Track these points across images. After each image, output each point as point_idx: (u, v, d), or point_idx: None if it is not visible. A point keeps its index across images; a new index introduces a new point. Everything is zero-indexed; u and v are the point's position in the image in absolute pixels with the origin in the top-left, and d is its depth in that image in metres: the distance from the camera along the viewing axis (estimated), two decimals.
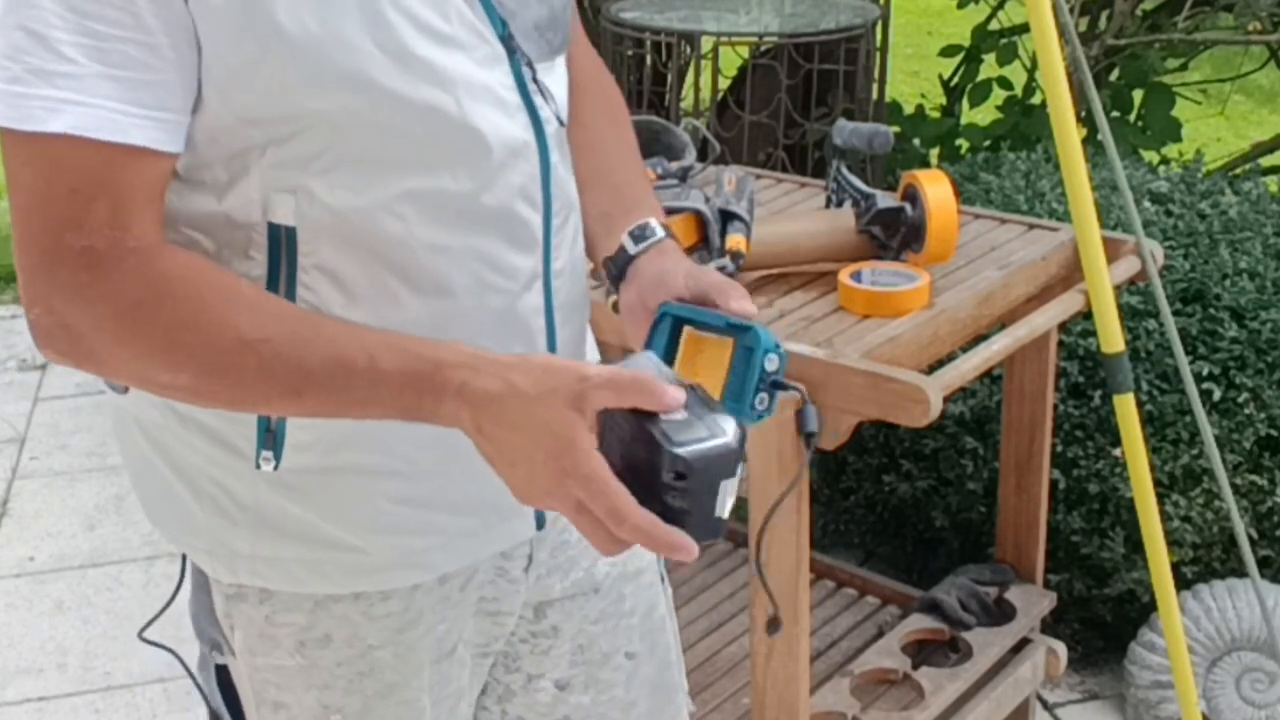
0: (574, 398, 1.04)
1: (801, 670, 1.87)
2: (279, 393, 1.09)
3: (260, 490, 1.22)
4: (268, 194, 1.12)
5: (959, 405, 2.59)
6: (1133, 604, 2.58)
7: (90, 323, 1.07)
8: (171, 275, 1.08)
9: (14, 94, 1.03)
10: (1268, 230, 2.65)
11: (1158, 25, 3.70)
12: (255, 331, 1.08)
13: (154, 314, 1.07)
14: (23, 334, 4.33)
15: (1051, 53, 1.88)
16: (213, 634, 1.35)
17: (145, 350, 1.08)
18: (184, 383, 1.09)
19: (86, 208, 1.05)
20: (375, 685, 1.30)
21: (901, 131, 3.84)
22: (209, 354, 1.08)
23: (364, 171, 1.13)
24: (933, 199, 1.90)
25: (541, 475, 1.05)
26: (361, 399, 1.09)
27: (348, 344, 1.08)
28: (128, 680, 2.78)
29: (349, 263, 1.14)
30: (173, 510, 1.28)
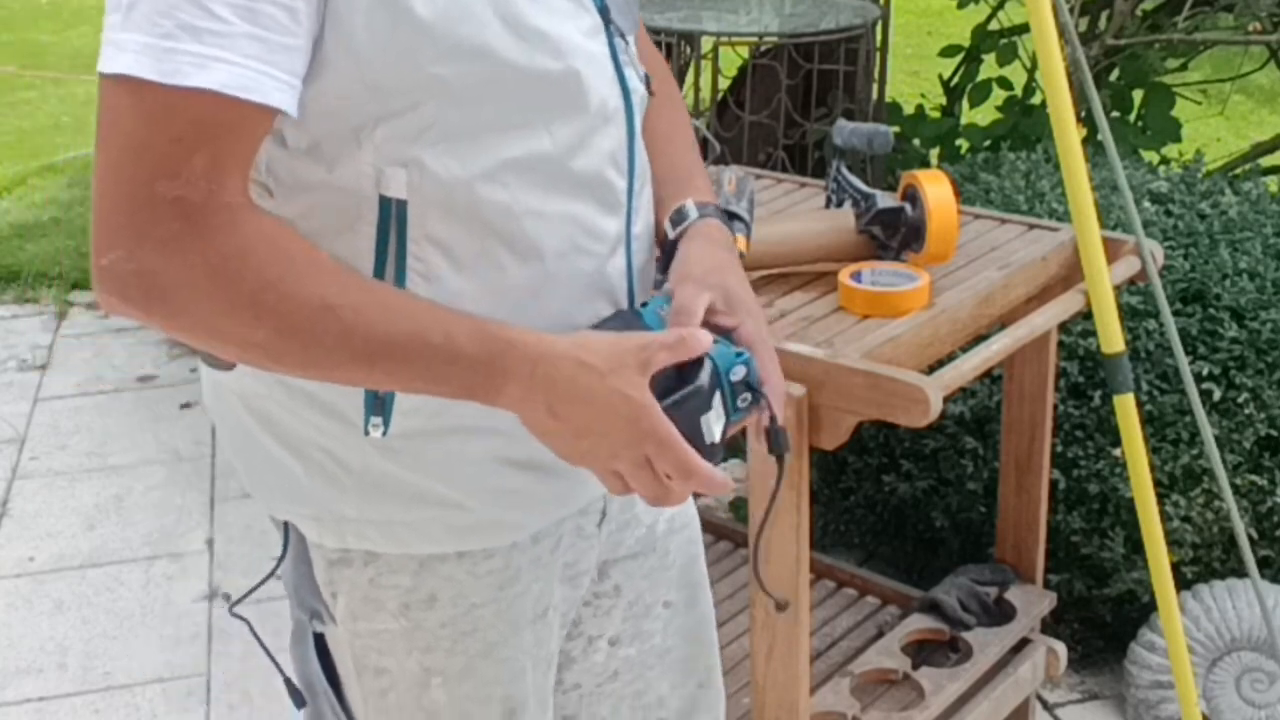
0: (641, 365, 1.14)
1: (801, 670, 1.87)
2: (351, 360, 1.11)
3: (368, 455, 1.24)
4: (380, 168, 1.15)
5: (959, 405, 2.59)
6: (1133, 604, 2.58)
7: (178, 273, 1.07)
8: (261, 234, 1.09)
9: (163, 49, 1.04)
10: (1268, 230, 2.65)
11: (1158, 25, 3.70)
12: (338, 297, 1.10)
13: (242, 269, 1.07)
14: (23, 334, 4.33)
15: (1051, 53, 1.88)
16: (313, 602, 1.37)
17: (228, 305, 1.08)
18: (260, 339, 1.10)
19: (186, 159, 1.06)
20: (477, 644, 1.33)
21: (901, 131, 3.84)
22: (291, 314, 1.09)
23: (472, 142, 1.16)
24: (933, 199, 1.90)
25: (610, 441, 1.15)
26: (432, 374, 1.13)
27: (425, 319, 1.12)
28: (128, 680, 2.78)
29: (456, 232, 1.18)
30: (277, 479, 1.29)
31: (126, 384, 3.99)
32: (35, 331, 4.36)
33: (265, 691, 2.74)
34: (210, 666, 2.81)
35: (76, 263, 4.76)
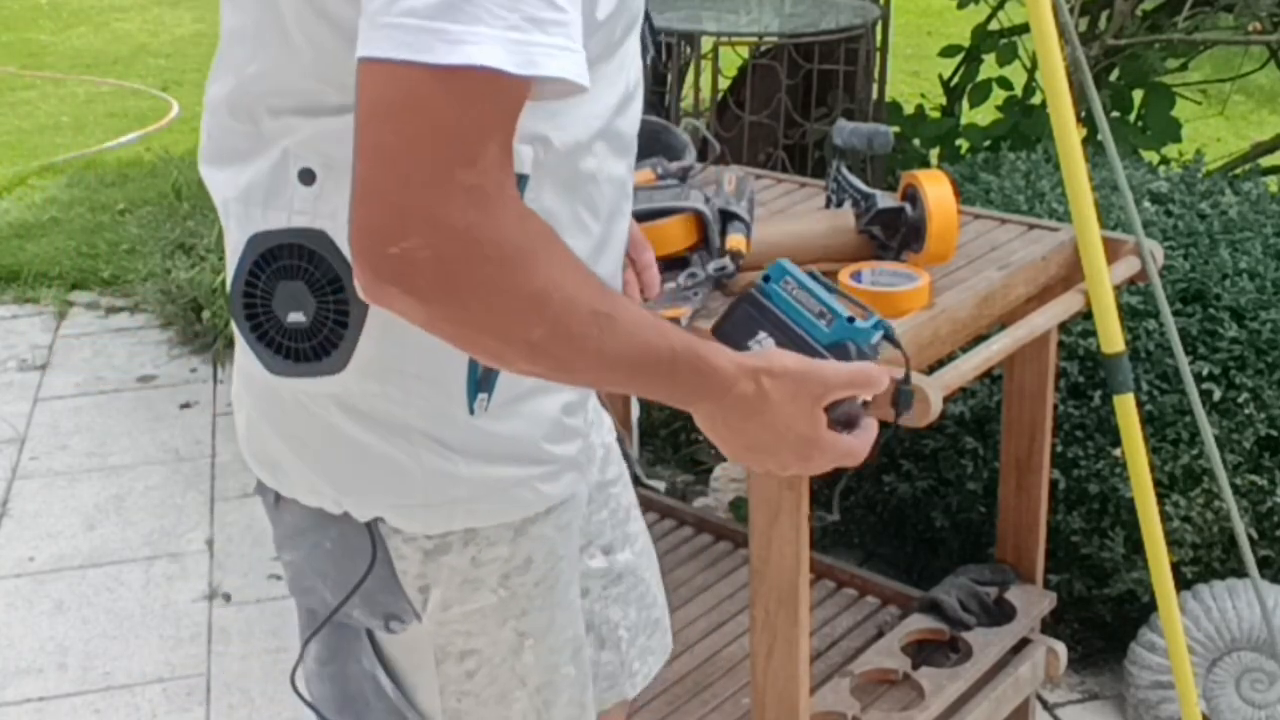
0: (817, 399, 1.23)
1: (801, 670, 1.87)
2: (598, 366, 1.14)
3: (471, 429, 1.28)
4: (516, 146, 1.13)
5: (959, 405, 2.59)
6: (1133, 604, 2.58)
7: (474, 264, 1.04)
8: (541, 233, 1.09)
9: (512, 40, 1.02)
10: (1268, 230, 2.65)
11: (1158, 25, 3.70)
12: (602, 304, 1.12)
13: (533, 266, 1.07)
14: (23, 334, 4.34)
15: (1051, 53, 1.88)
16: (392, 606, 1.36)
17: (516, 301, 1.07)
18: (536, 338, 1.09)
19: (483, 146, 1.04)
20: (557, 595, 1.39)
21: (901, 131, 3.84)
22: (569, 315, 1.09)
23: (577, 110, 1.21)
24: (933, 199, 1.90)
25: (779, 458, 1.25)
26: (649, 384, 1.19)
27: (656, 332, 1.17)
28: (128, 680, 2.78)
29: (557, 201, 1.23)
30: (382, 475, 1.29)
31: (126, 384, 3.99)
32: (35, 331, 4.36)
33: (265, 691, 2.74)
34: (210, 666, 2.81)
35: (76, 263, 4.76)
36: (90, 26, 8.61)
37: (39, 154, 6.06)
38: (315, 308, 1.21)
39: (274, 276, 1.22)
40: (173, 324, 4.30)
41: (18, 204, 5.41)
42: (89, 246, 4.89)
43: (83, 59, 7.77)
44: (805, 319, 1.30)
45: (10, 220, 5.21)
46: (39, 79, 7.35)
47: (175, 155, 5.84)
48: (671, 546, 2.59)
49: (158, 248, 4.73)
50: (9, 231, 5.08)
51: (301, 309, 1.21)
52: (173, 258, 4.54)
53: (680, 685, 2.23)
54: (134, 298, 4.53)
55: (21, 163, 5.93)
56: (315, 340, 1.23)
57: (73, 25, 8.64)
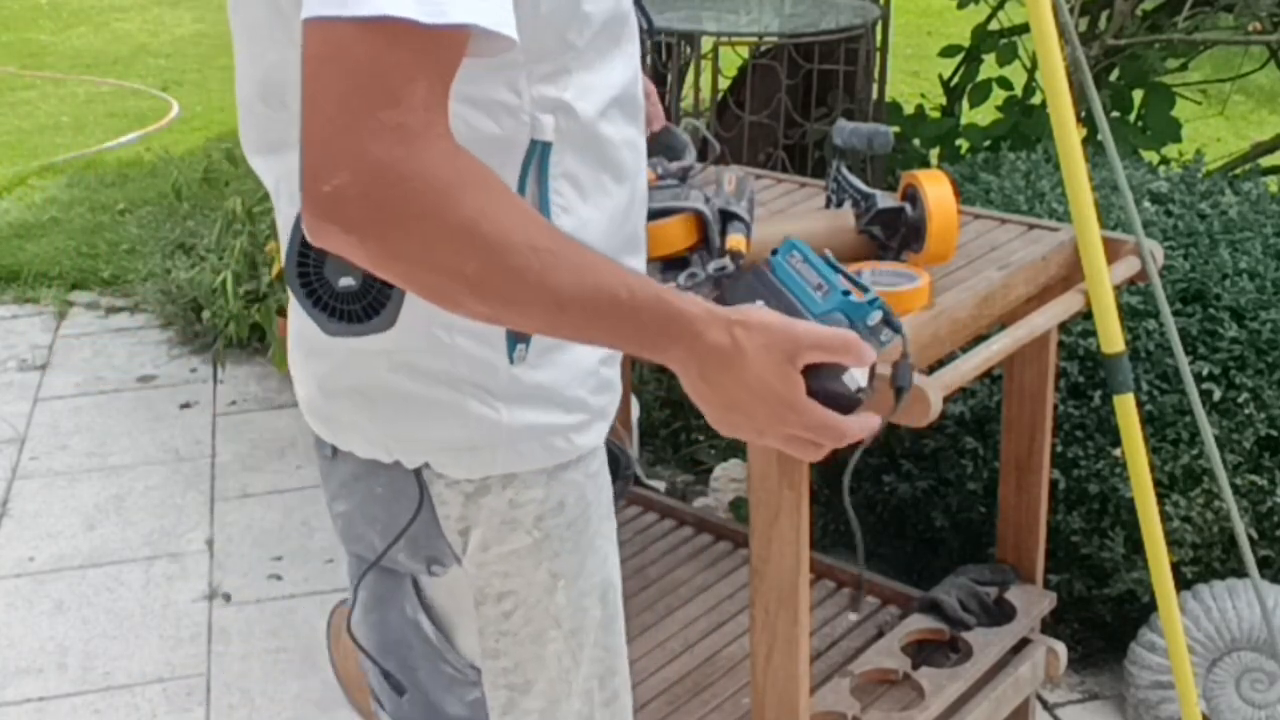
0: (790, 357, 1.22)
1: (801, 670, 1.87)
2: (544, 303, 1.17)
3: (512, 376, 1.36)
4: (535, 115, 1.27)
5: (959, 405, 2.59)
6: (1133, 604, 2.58)
7: (402, 197, 1.10)
8: (472, 168, 1.14)
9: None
10: (1268, 230, 2.65)
11: (1158, 25, 3.70)
12: (541, 240, 1.16)
13: (461, 197, 1.12)
14: (23, 334, 4.34)
15: (1051, 53, 1.88)
16: (434, 549, 1.44)
17: (447, 232, 1.12)
18: (470, 271, 1.14)
19: (406, 88, 1.10)
20: (588, 539, 1.46)
21: (901, 131, 3.84)
22: (502, 247, 1.14)
23: (594, 79, 1.31)
24: (933, 199, 1.90)
25: (756, 420, 1.24)
26: (611, 327, 1.21)
27: (610, 274, 1.19)
28: (128, 680, 2.78)
29: (580, 166, 1.32)
30: (426, 422, 1.38)
31: (126, 384, 3.99)
32: (35, 331, 4.36)
33: (265, 691, 2.74)
34: (210, 666, 2.81)
35: (76, 263, 4.76)
36: (90, 26, 8.61)
37: (39, 154, 6.06)
38: (363, 272, 1.27)
39: None
40: (173, 324, 4.30)
41: (18, 204, 5.41)
42: (89, 246, 4.89)
43: (83, 59, 7.77)
44: (802, 289, 1.31)
45: (10, 220, 5.21)
46: (39, 79, 7.35)
47: (175, 155, 5.85)
48: (671, 546, 2.59)
49: (158, 248, 4.73)
50: (9, 231, 5.08)
51: (350, 274, 1.29)
52: (173, 258, 4.54)
53: (680, 685, 2.23)
54: (134, 298, 4.53)
55: (21, 163, 5.93)
56: (365, 302, 1.30)
57: (73, 25, 8.64)
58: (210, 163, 4.92)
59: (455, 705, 1.53)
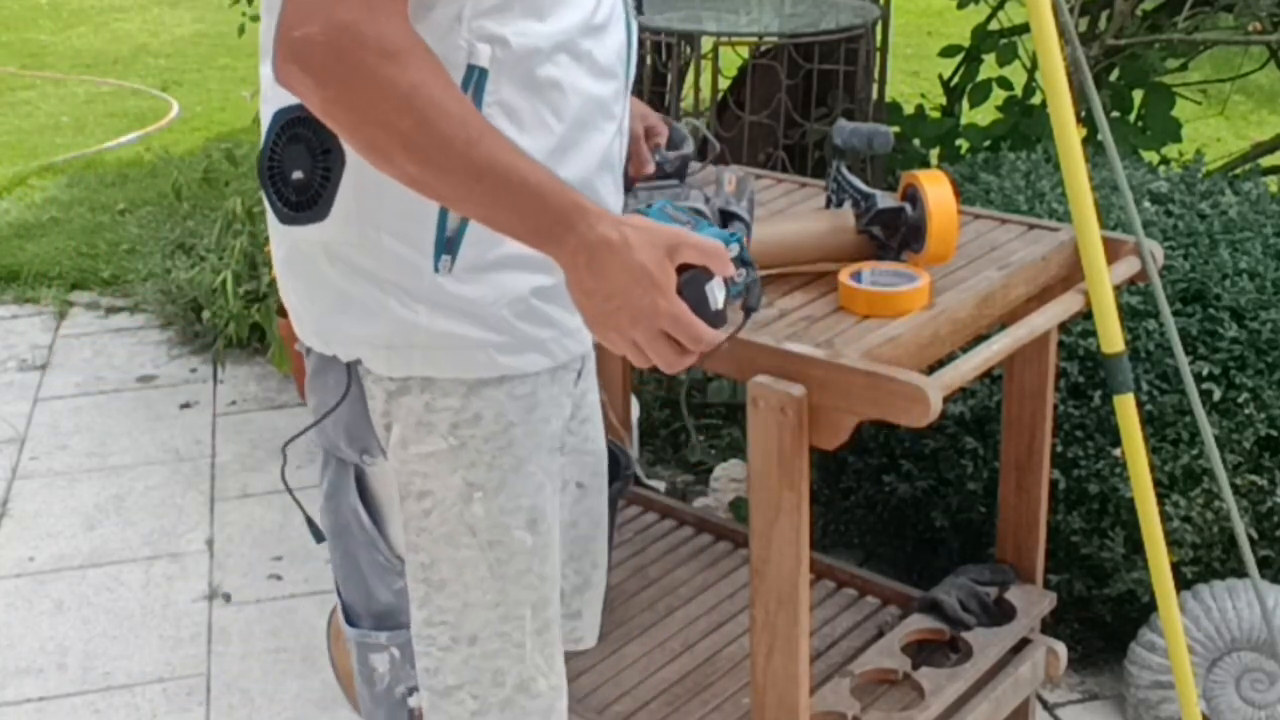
0: (670, 250, 1.35)
1: (801, 670, 1.87)
2: (466, 168, 1.33)
3: (436, 284, 1.49)
4: (472, 42, 1.41)
5: (959, 405, 2.59)
6: (1133, 604, 2.58)
7: (357, 51, 1.29)
8: (421, 42, 1.33)
9: None
10: (1268, 230, 2.65)
11: (1158, 25, 3.70)
12: (472, 118, 1.34)
13: (407, 63, 1.30)
14: (23, 334, 4.34)
15: (1051, 53, 1.88)
16: (365, 440, 1.60)
17: (388, 89, 1.30)
18: (404, 127, 1.31)
19: None
20: (510, 460, 1.57)
21: (901, 131, 3.84)
22: (434, 112, 1.31)
23: (539, 23, 1.43)
24: (933, 199, 1.90)
25: (631, 309, 1.34)
26: (518, 205, 1.34)
27: (526, 161, 1.35)
28: (128, 680, 2.78)
29: (517, 97, 1.45)
30: (355, 317, 1.52)
31: (126, 384, 4.00)
32: (35, 331, 4.36)
33: (265, 691, 2.74)
34: (210, 666, 2.81)
35: (76, 263, 4.76)
36: (90, 26, 8.61)
37: (39, 154, 6.06)
38: (310, 166, 1.48)
39: (287, 143, 1.49)
40: (173, 324, 4.30)
41: (18, 204, 5.41)
42: (89, 246, 4.89)
43: (83, 59, 7.77)
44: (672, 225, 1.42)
45: (10, 220, 5.21)
46: (39, 79, 7.35)
47: (175, 155, 5.85)
48: (671, 547, 2.59)
49: (158, 248, 4.73)
50: (9, 231, 5.08)
51: (300, 168, 1.48)
52: (173, 258, 4.54)
53: (680, 685, 2.23)
54: (134, 298, 4.53)
55: (21, 163, 5.93)
56: (308, 194, 1.49)
57: (73, 25, 8.64)
58: (210, 163, 4.91)
59: (384, 592, 1.68)
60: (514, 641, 1.63)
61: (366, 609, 1.71)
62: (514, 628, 1.63)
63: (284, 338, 3.62)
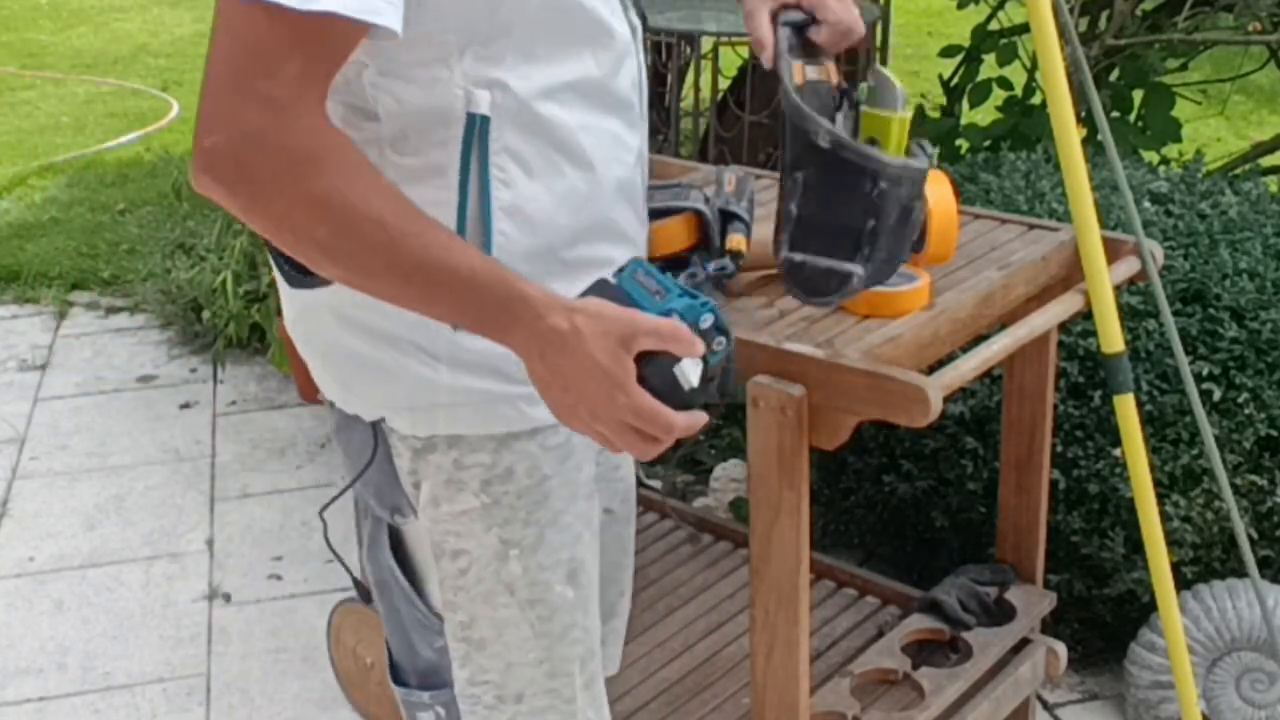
0: (623, 340, 1.26)
1: (801, 670, 1.87)
2: (391, 271, 1.27)
3: (455, 341, 1.43)
4: (469, 89, 1.35)
5: (959, 405, 2.59)
6: (1133, 604, 2.58)
7: (265, 161, 1.22)
8: (334, 144, 1.25)
9: None
10: (1268, 230, 2.65)
11: (1158, 25, 3.70)
12: (392, 216, 1.26)
13: (317, 169, 1.23)
14: (23, 334, 4.34)
15: (1051, 53, 1.88)
16: (396, 498, 1.56)
17: (301, 198, 1.24)
18: (321, 236, 1.25)
19: (282, 62, 1.21)
20: (547, 514, 1.51)
21: None
22: (351, 218, 1.25)
23: (542, 66, 1.38)
24: (933, 199, 1.89)
25: (590, 404, 1.27)
26: (455, 303, 1.28)
27: (459, 253, 1.28)
28: (128, 680, 2.78)
29: (524, 143, 1.39)
30: (374, 379, 1.47)
31: (126, 384, 3.99)
32: (35, 331, 4.36)
33: (265, 691, 2.74)
34: (210, 666, 2.81)
35: (76, 263, 4.76)
36: (90, 26, 8.61)
37: (39, 154, 6.06)
38: None
39: None
40: (173, 324, 4.30)
41: (18, 204, 5.41)
42: (89, 246, 4.89)
43: (83, 59, 7.77)
44: (642, 294, 1.33)
45: (10, 220, 5.21)
46: (39, 79, 7.35)
47: (175, 155, 5.84)
48: (671, 547, 2.59)
49: (158, 248, 4.73)
50: (9, 231, 5.08)
51: None
52: (173, 258, 4.54)
53: (680, 685, 2.23)
54: (134, 298, 4.53)
55: (21, 163, 5.93)
56: None
57: (73, 25, 8.64)
58: None
59: (426, 650, 1.67)
60: (564, 698, 1.58)
61: (412, 665, 1.69)
62: (563, 684, 1.58)
63: (284, 338, 3.62)
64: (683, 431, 1.29)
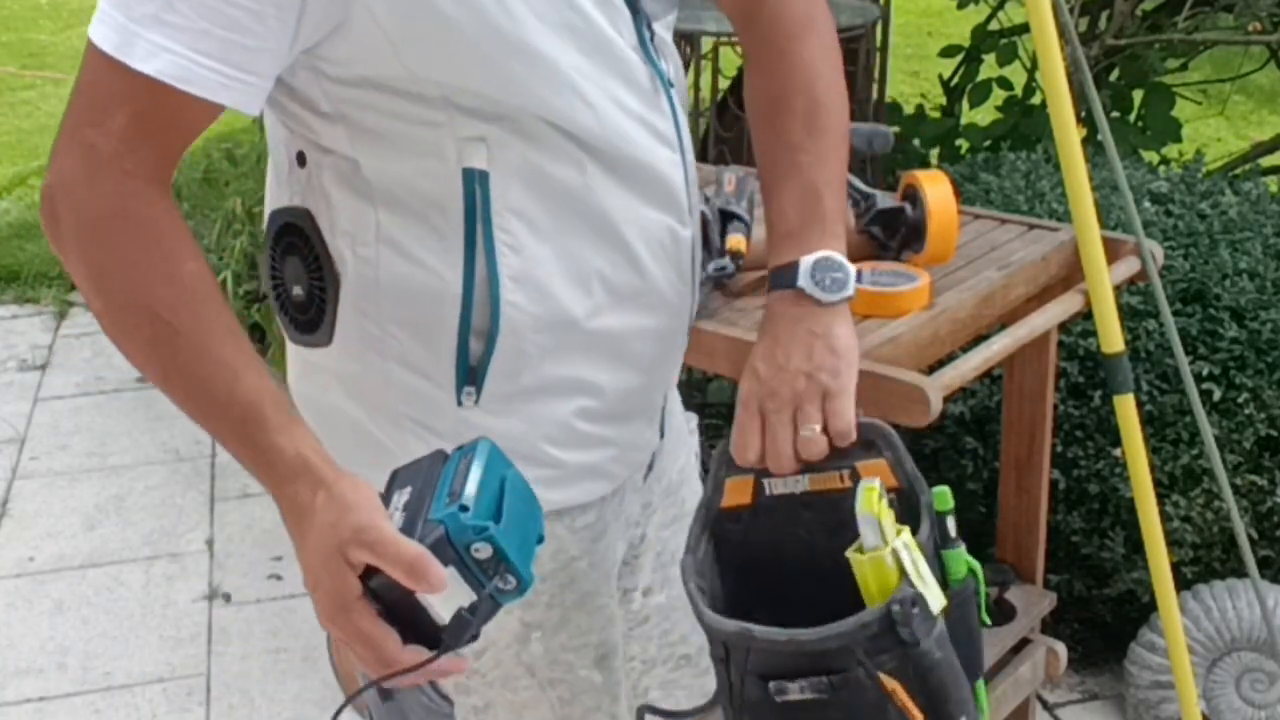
0: (341, 547, 1.09)
1: None
2: (163, 379, 1.18)
3: (460, 418, 1.30)
4: (460, 145, 1.21)
5: (959, 405, 2.59)
6: (1133, 604, 2.58)
7: (63, 211, 1.16)
8: (137, 215, 1.16)
9: (130, 31, 1.13)
10: (1268, 230, 2.65)
11: (1158, 25, 3.70)
12: (167, 311, 1.15)
13: (101, 237, 1.16)
14: (23, 334, 4.34)
15: (1051, 53, 1.88)
16: None
17: (79, 263, 1.17)
18: (96, 307, 1.18)
19: (110, 112, 1.14)
20: (574, 596, 1.39)
21: (901, 131, 3.83)
22: (117, 301, 1.16)
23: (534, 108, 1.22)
24: (933, 199, 1.90)
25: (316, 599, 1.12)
26: (216, 429, 1.18)
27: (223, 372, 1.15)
28: (128, 680, 2.78)
29: (533, 203, 1.24)
30: (374, 454, 1.32)
31: (126, 384, 3.99)
32: (35, 331, 4.36)
33: (265, 691, 2.74)
34: (210, 666, 2.81)
35: None
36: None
37: (39, 154, 6.06)
38: (308, 283, 1.30)
39: (283, 252, 1.32)
40: None
41: (18, 204, 5.41)
42: None
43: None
44: (445, 488, 1.12)
45: (10, 220, 5.21)
46: (39, 79, 7.35)
47: None
48: None
49: None
50: (9, 231, 5.08)
51: (298, 283, 1.30)
52: None
53: None
54: None
55: (21, 163, 5.93)
56: (309, 314, 1.31)
57: (73, 25, 8.63)
58: (210, 163, 4.91)
59: None
60: None
61: None
62: None
63: (282, 338, 3.62)
64: (403, 666, 1.09)
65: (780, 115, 1.35)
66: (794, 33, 1.37)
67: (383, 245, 1.25)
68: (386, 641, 1.09)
